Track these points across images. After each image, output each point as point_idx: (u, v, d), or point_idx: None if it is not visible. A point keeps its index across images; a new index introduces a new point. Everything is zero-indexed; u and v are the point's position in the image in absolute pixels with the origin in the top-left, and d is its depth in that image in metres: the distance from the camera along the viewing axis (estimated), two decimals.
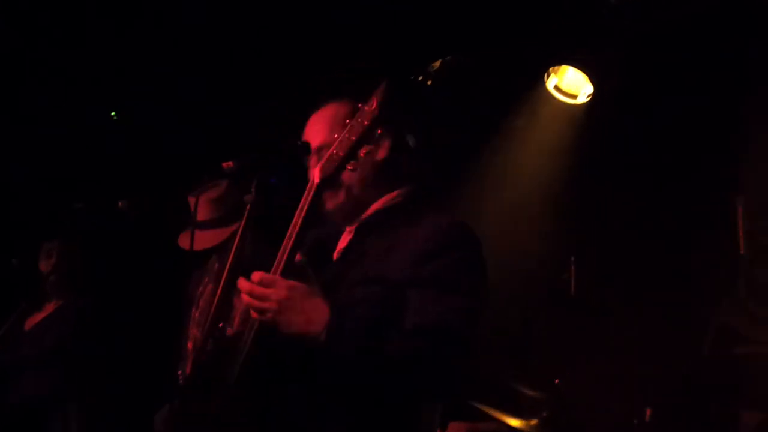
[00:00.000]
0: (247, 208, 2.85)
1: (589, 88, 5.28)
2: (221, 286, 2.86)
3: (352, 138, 2.60)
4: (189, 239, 4.07)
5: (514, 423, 4.63)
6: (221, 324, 2.90)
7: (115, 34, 5.82)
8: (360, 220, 2.93)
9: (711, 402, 4.47)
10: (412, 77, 5.36)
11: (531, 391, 4.75)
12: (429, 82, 5.33)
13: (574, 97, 5.37)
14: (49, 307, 5.47)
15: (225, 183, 4.26)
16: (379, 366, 2.59)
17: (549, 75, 5.38)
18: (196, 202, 3.93)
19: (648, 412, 4.42)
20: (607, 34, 5.05)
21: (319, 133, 2.94)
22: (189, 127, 6.11)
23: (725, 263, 4.68)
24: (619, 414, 4.73)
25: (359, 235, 2.91)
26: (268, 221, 3.06)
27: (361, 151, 2.61)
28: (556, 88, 5.37)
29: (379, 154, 2.89)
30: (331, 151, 2.65)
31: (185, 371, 4.04)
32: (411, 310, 2.66)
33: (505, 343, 5.21)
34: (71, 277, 5.44)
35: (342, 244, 2.94)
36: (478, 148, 5.91)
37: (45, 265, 5.41)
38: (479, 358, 2.74)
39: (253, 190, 2.85)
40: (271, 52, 5.84)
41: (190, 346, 4.12)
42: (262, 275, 2.62)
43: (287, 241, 2.67)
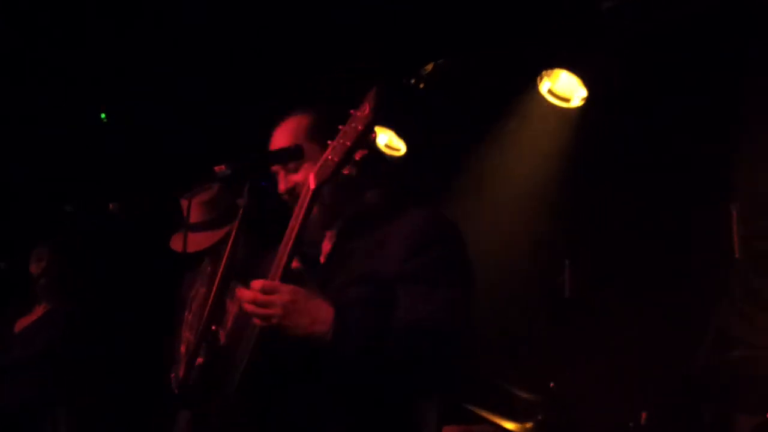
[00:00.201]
0: (240, 211, 2.86)
1: (582, 92, 5.28)
2: (214, 290, 2.86)
3: (347, 143, 2.61)
4: (181, 241, 4.07)
5: (509, 426, 4.64)
6: (214, 327, 2.91)
7: (115, 34, 5.82)
8: (341, 223, 2.94)
9: (706, 405, 4.47)
10: (404, 80, 5.36)
11: (526, 394, 4.76)
12: (422, 86, 5.34)
13: (567, 100, 5.37)
14: (39, 310, 5.46)
15: (217, 186, 4.26)
16: (379, 366, 2.64)
17: (542, 78, 5.37)
18: (189, 204, 3.94)
19: (643, 415, 4.42)
20: (601, 38, 5.05)
21: (284, 145, 2.95)
22: (189, 127, 6.11)
23: (720, 266, 4.68)
24: (615, 417, 4.74)
25: (342, 238, 2.93)
26: (261, 225, 3.06)
27: (356, 155, 2.64)
28: (550, 91, 5.37)
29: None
30: (326, 157, 2.67)
31: (178, 374, 4.04)
32: (402, 308, 2.71)
33: (499, 346, 5.21)
34: (61, 280, 5.43)
35: (327, 248, 2.95)
36: (472, 151, 5.91)
37: (35, 268, 5.41)
38: (474, 359, 2.76)
39: (245, 194, 2.86)
40: (271, 52, 5.84)
41: (182, 349, 4.13)
42: (263, 283, 2.64)
43: (284, 246, 2.68)
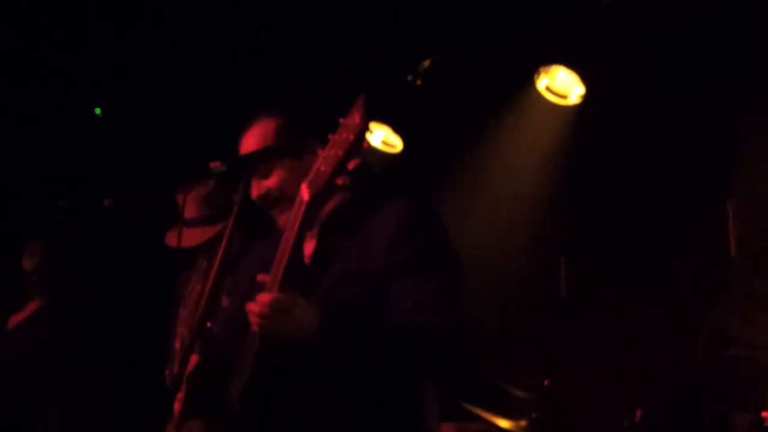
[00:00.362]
0: (235, 207, 2.86)
1: (580, 89, 5.29)
2: (209, 286, 2.86)
3: (339, 153, 2.57)
4: (176, 237, 4.07)
5: (503, 424, 4.65)
6: (209, 324, 2.91)
7: (115, 34, 5.82)
8: (319, 223, 2.93)
9: (702, 403, 4.47)
10: (401, 77, 5.37)
11: (520, 392, 4.76)
12: (419, 82, 5.34)
13: (565, 97, 5.37)
14: (32, 306, 5.46)
15: (213, 182, 4.26)
16: (379, 366, 2.67)
17: (540, 75, 5.37)
18: (184, 199, 3.95)
19: (638, 413, 4.43)
20: (600, 34, 5.05)
21: (255, 149, 2.96)
22: (189, 127, 6.11)
23: (718, 265, 4.68)
24: (609, 415, 4.74)
25: (324, 237, 2.92)
26: (257, 221, 3.06)
27: (349, 165, 2.61)
28: (547, 88, 5.37)
29: None
30: (318, 167, 2.63)
31: (173, 371, 4.04)
32: (394, 304, 2.72)
33: (494, 344, 5.21)
34: (54, 276, 5.43)
35: (310, 249, 2.93)
36: (469, 148, 5.91)
37: (28, 263, 5.41)
38: (469, 353, 2.77)
39: (240, 190, 2.86)
40: (271, 52, 5.84)
41: (177, 345, 4.13)
42: (271, 297, 2.61)
43: (280, 259, 2.64)
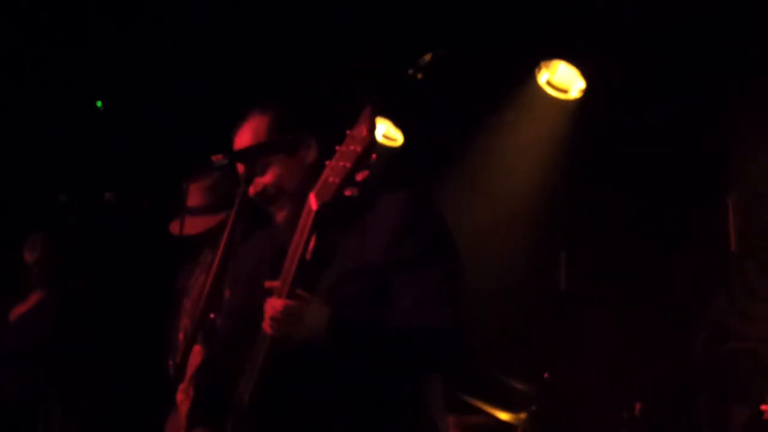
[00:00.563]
0: (237, 200, 2.86)
1: (580, 84, 5.30)
2: (211, 277, 2.86)
3: (347, 165, 2.58)
4: (179, 225, 4.09)
5: (504, 416, 4.66)
6: (212, 316, 2.93)
7: (115, 34, 5.83)
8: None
9: (701, 397, 4.49)
10: (402, 71, 5.37)
11: (520, 385, 4.77)
12: (420, 76, 5.34)
13: (565, 92, 5.38)
14: (34, 298, 5.47)
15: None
16: (379, 366, 2.70)
17: (540, 70, 5.38)
18: (188, 188, 3.97)
19: (638, 406, 4.44)
20: (600, 30, 5.06)
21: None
22: (189, 127, 6.11)
23: (717, 259, 4.69)
24: (609, 408, 4.75)
25: (324, 231, 2.91)
26: (260, 213, 3.07)
27: (358, 176, 2.61)
28: (548, 83, 5.38)
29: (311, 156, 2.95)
30: (326, 178, 2.63)
31: (176, 361, 4.05)
32: (397, 300, 2.74)
33: (494, 337, 5.21)
34: (55, 269, 5.44)
35: (311, 243, 2.91)
36: (469, 142, 5.91)
37: (29, 256, 5.42)
38: (468, 349, 2.78)
39: (241, 183, 2.87)
40: (271, 52, 5.85)
41: (181, 336, 4.14)
42: (284, 303, 2.64)
43: (290, 264, 2.66)
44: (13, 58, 5.92)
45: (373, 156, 2.59)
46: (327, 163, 2.64)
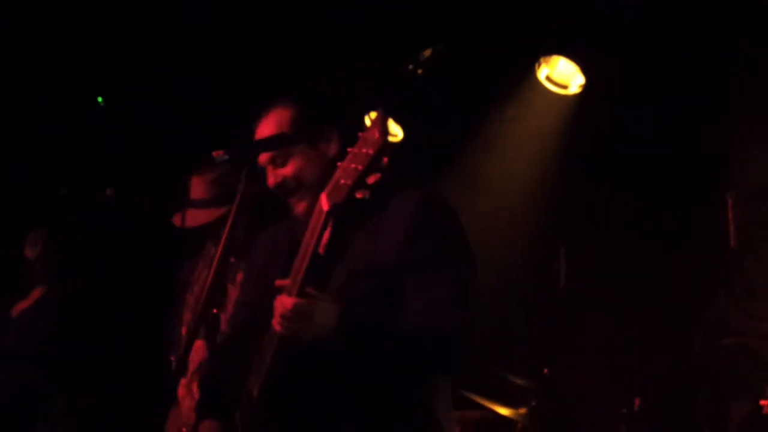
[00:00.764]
0: (238, 196, 2.86)
1: (580, 79, 5.30)
2: (212, 272, 2.86)
3: (359, 168, 2.57)
4: (181, 217, 4.09)
5: (503, 412, 4.67)
6: (215, 311, 2.93)
7: (115, 34, 5.83)
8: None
9: (699, 392, 4.49)
10: (403, 66, 5.37)
11: (520, 380, 4.78)
12: (420, 72, 5.34)
13: (565, 87, 5.39)
14: (35, 294, 5.47)
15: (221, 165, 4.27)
16: (389, 367, 2.71)
17: (540, 65, 5.39)
18: (190, 180, 3.97)
19: (637, 401, 4.44)
20: (601, 30, 5.07)
21: None
22: (189, 127, 6.11)
23: (716, 255, 4.70)
24: (608, 403, 4.75)
25: (337, 227, 2.90)
26: (262, 208, 3.06)
27: (370, 179, 2.61)
28: (548, 78, 5.39)
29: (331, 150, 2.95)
30: (337, 179, 2.62)
31: (178, 356, 4.05)
32: (406, 300, 2.74)
33: (494, 333, 5.21)
34: (55, 267, 5.44)
35: (324, 239, 2.90)
36: (469, 138, 5.91)
37: (31, 252, 5.42)
38: (476, 353, 2.78)
39: (242, 179, 2.86)
40: (271, 52, 5.85)
41: (183, 331, 4.14)
42: (294, 302, 2.63)
43: (300, 263, 2.65)
44: (13, 58, 5.92)
45: (385, 159, 2.58)
46: (338, 164, 2.63)
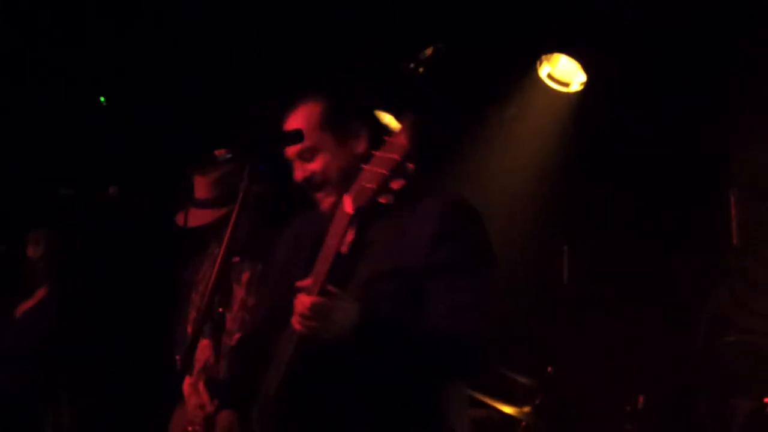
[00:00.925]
0: (240, 195, 2.87)
1: (581, 77, 5.31)
2: (215, 272, 2.86)
3: (384, 172, 2.57)
4: (185, 216, 4.09)
5: (507, 410, 4.67)
6: (221, 310, 2.93)
7: (115, 34, 5.83)
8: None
9: (702, 390, 4.49)
10: (404, 65, 5.37)
11: (523, 379, 4.78)
12: (421, 70, 5.34)
13: (566, 85, 5.39)
14: (39, 293, 5.47)
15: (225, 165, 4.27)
16: (406, 369, 2.70)
17: (542, 63, 5.39)
18: (193, 179, 3.98)
19: (640, 399, 4.45)
20: (601, 30, 5.07)
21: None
22: (189, 127, 6.11)
23: (718, 252, 4.70)
24: (612, 401, 4.75)
25: (362, 226, 2.89)
26: (267, 206, 3.07)
27: (394, 185, 2.60)
28: (549, 76, 5.39)
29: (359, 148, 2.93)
30: (362, 182, 2.63)
31: (183, 355, 4.05)
32: (429, 303, 2.73)
33: (497, 331, 5.21)
34: (56, 267, 5.44)
35: (349, 237, 2.89)
36: (470, 137, 5.91)
37: (33, 251, 5.42)
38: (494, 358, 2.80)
39: (244, 177, 2.86)
40: (271, 52, 5.85)
41: (189, 330, 4.14)
42: (313, 300, 2.63)
43: (322, 263, 2.65)
44: (13, 58, 5.92)
45: (410, 165, 2.57)
46: (364, 166, 2.63)
